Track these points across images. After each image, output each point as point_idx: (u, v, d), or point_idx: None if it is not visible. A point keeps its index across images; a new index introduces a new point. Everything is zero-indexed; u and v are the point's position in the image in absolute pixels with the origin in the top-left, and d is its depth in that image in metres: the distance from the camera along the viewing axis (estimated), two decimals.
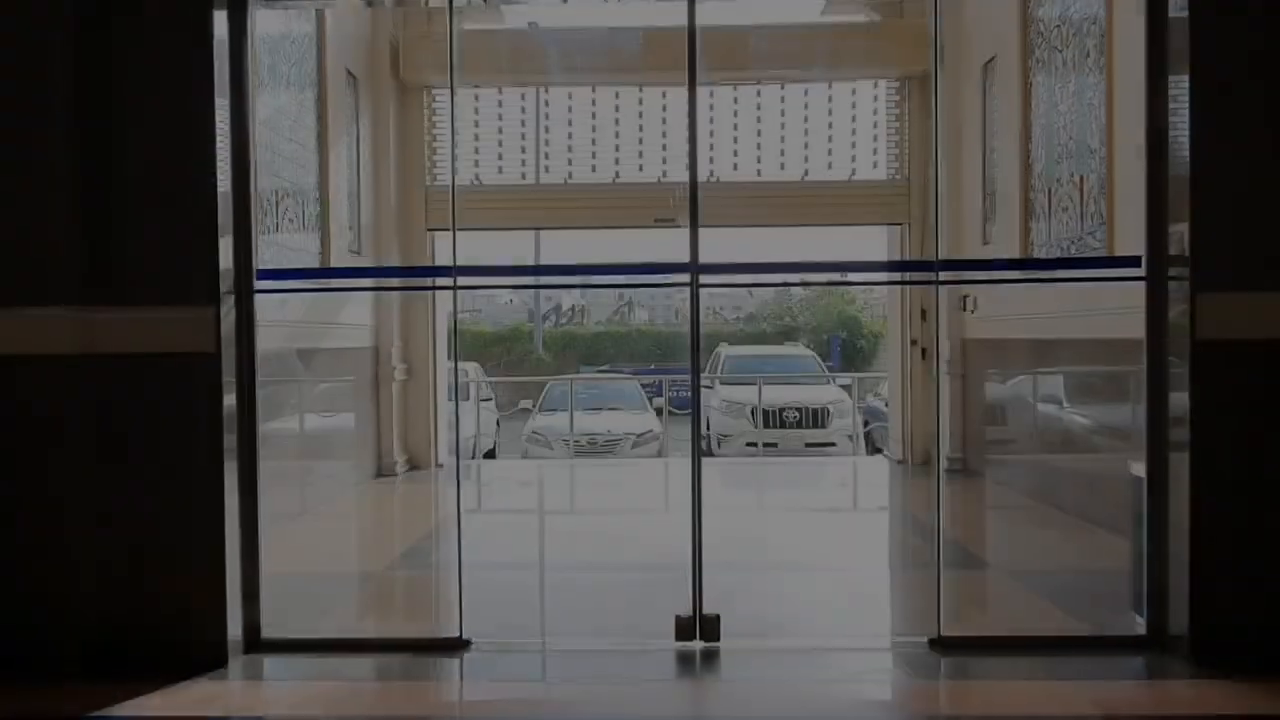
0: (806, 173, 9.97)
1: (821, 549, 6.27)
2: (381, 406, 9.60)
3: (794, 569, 5.63)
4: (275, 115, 7.16)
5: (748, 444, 12.52)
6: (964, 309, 9.37)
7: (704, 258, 4.14)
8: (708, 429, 13.73)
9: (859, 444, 12.82)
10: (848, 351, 29.36)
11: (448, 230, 10.44)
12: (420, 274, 9.16)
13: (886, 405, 14.36)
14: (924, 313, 9.98)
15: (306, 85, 7.83)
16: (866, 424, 13.48)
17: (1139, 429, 4.03)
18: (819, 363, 15.21)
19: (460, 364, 16.96)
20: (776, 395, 12.85)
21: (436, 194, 10.11)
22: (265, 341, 3.90)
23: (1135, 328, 4.11)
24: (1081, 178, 6.91)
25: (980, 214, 8.92)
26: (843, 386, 14.57)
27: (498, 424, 16.10)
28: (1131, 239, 6.33)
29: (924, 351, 9.99)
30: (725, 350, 15.64)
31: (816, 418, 12.77)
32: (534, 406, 14.26)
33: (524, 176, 10.06)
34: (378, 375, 9.54)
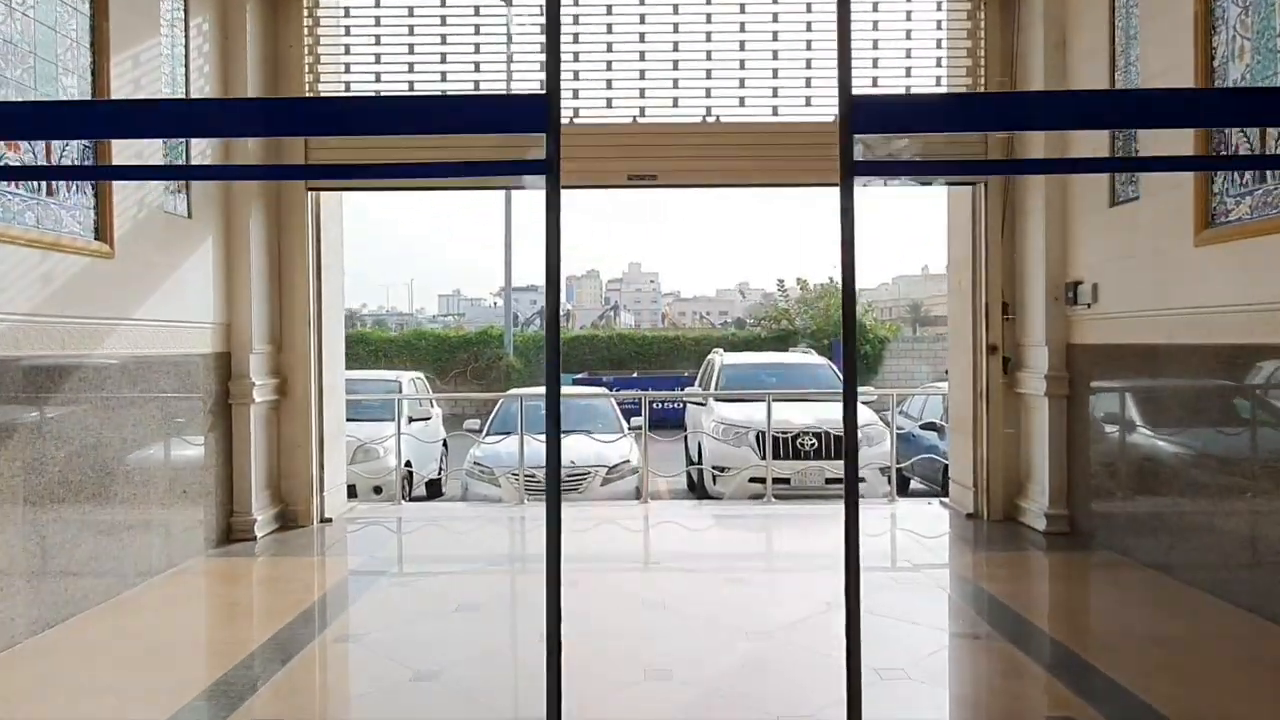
0: None
1: None
2: (236, 439, 6.65)
3: None
4: None
5: (751, 480, 9.64)
6: (1070, 301, 6.52)
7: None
8: (698, 457, 10.85)
9: (889, 481, 9.95)
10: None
11: (339, 189, 7.56)
12: None
13: (924, 428, 11.56)
14: (1006, 307, 7.12)
15: None
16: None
17: None
18: (837, 373, 12.28)
19: (397, 373, 14.00)
20: (787, 416, 9.97)
21: (325, 136, 7.18)
22: None
23: None
24: None
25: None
26: (865, 403, 11.73)
27: (445, 447, 13.15)
28: None
29: (1006, 361, 7.12)
30: (720, 358, 12.68)
31: (840, 446, 9.89)
32: (481, 427, 11.31)
33: None
34: (225, 394, 6.59)
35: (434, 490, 12.50)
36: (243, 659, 4.06)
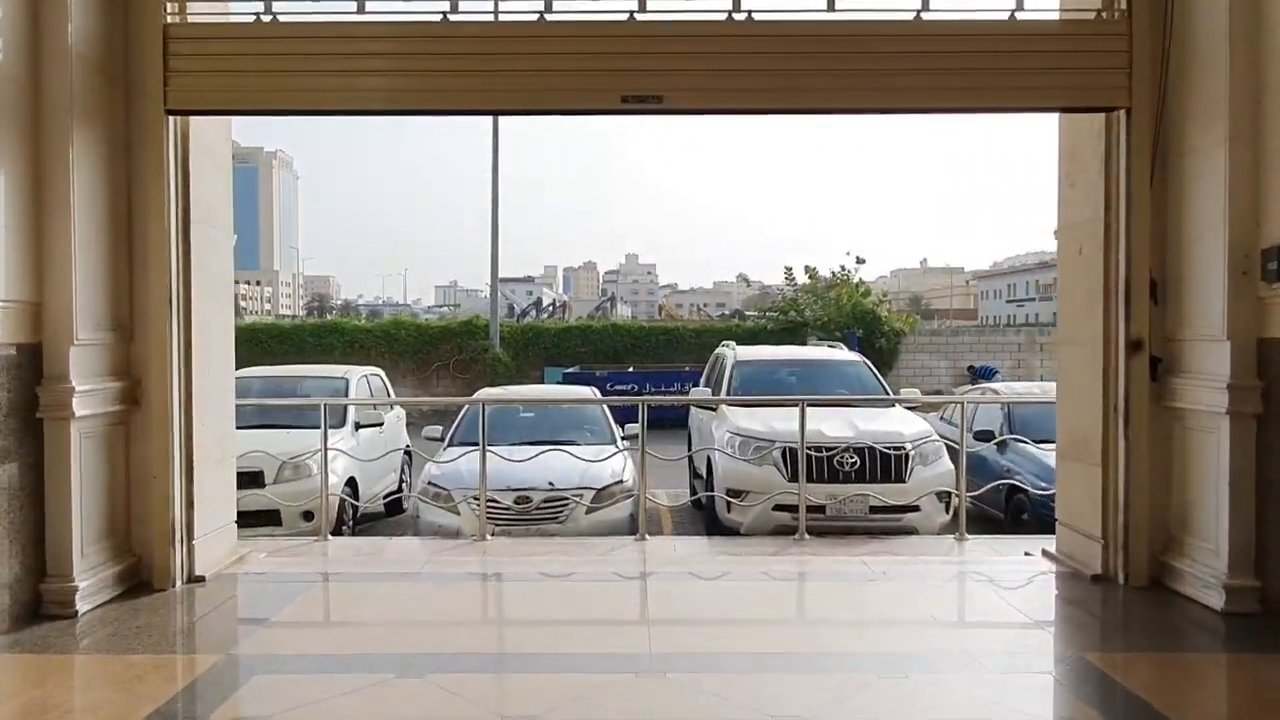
0: (925, 5, 5.02)
1: None
2: (49, 470, 4.56)
3: None
4: None
5: (777, 508, 7.57)
6: (1271, 276, 4.43)
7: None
8: (707, 475, 8.78)
9: (947, 509, 7.89)
10: (865, 352, 24.41)
11: (215, 113, 5.24)
12: None
13: (979, 438, 9.43)
14: (1154, 285, 5.04)
15: None
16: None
17: None
18: (875, 373, 10.18)
19: (345, 369, 11.81)
20: (819, 427, 7.86)
21: (193, 39, 5.06)
22: None
23: None
24: None
25: None
26: (909, 408, 9.64)
27: (408, 456, 10.98)
28: None
29: (1155, 363, 5.05)
30: (732, 354, 10.54)
31: (889, 466, 7.82)
32: (443, 437, 9.19)
33: (363, 9, 5.04)
34: (31, 404, 4.51)
35: (396, 508, 10.40)
36: None
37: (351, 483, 8.82)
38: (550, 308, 47.85)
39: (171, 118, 5.03)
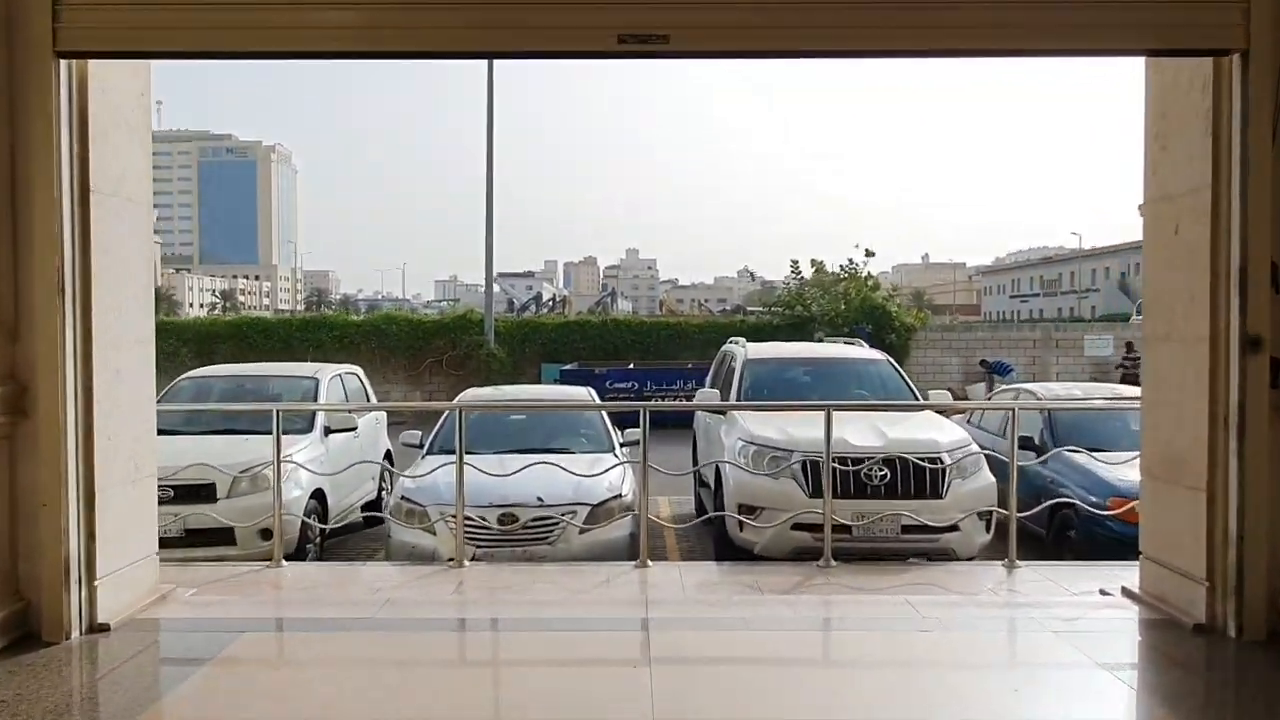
0: None
1: None
2: None
3: None
4: None
5: (796, 527, 6.63)
6: None
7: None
8: (715, 485, 7.83)
9: (987, 528, 6.95)
10: (875, 349, 23.40)
11: (119, 55, 4.27)
12: None
13: (1024, 446, 8.45)
14: (1275, 270, 4.09)
15: None
16: None
17: None
18: (900, 373, 9.20)
19: (316, 367, 10.81)
20: (843, 434, 6.87)
21: None
22: None
23: None
24: None
25: None
26: (938, 410, 8.67)
27: (389, 460, 9.98)
28: None
29: (1277, 366, 4.09)
30: (743, 351, 9.56)
31: (923, 480, 6.86)
32: (421, 445, 8.23)
33: None
34: None
35: (377, 519, 9.41)
36: None
37: (319, 495, 7.90)
38: (550, 302, 46.91)
39: (63, 61, 4.07)
